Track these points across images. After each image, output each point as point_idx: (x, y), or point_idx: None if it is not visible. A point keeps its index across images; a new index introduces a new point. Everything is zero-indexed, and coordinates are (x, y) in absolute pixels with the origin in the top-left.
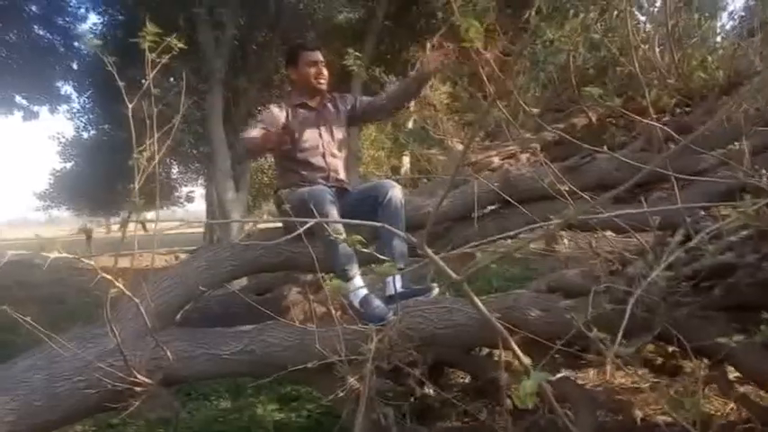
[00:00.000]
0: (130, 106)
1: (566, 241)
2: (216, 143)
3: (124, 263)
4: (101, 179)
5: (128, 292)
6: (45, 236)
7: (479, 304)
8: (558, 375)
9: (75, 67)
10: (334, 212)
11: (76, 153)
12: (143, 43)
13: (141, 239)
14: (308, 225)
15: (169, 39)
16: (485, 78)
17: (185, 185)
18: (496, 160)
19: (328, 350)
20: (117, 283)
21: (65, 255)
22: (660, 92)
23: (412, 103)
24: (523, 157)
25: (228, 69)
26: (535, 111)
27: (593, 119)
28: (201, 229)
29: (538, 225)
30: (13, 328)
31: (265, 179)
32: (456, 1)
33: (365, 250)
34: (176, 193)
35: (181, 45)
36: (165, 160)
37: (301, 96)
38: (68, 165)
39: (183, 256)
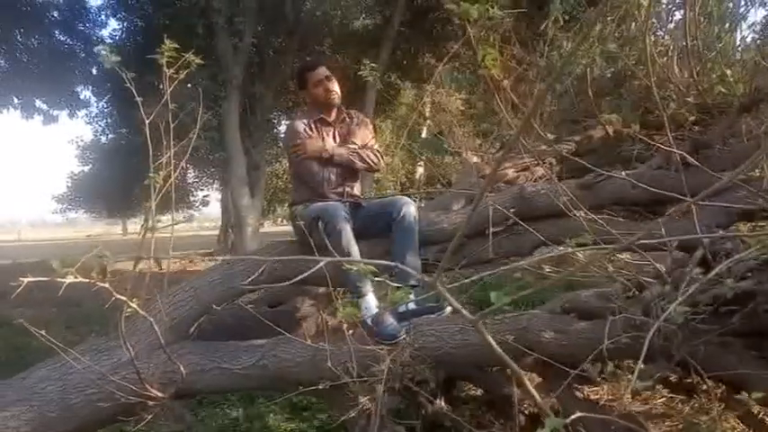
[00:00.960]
0: (147, 121)
1: (581, 258)
2: (232, 149)
3: (142, 266)
4: (118, 182)
5: (141, 311)
6: (63, 237)
7: (492, 343)
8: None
9: (94, 72)
10: (347, 229)
11: (94, 157)
12: (161, 59)
13: (157, 243)
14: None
15: (187, 55)
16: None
17: (201, 189)
18: (511, 172)
19: (340, 369)
20: (131, 303)
21: (79, 279)
22: (678, 106)
23: (427, 111)
24: (538, 169)
25: (245, 76)
26: (549, 126)
27: (610, 131)
28: (216, 232)
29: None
30: (30, 331)
31: (280, 183)
32: (472, 22)
33: (378, 279)
34: (192, 197)
35: (198, 60)
36: (180, 161)
37: (317, 112)
38: (86, 168)
39: (197, 259)
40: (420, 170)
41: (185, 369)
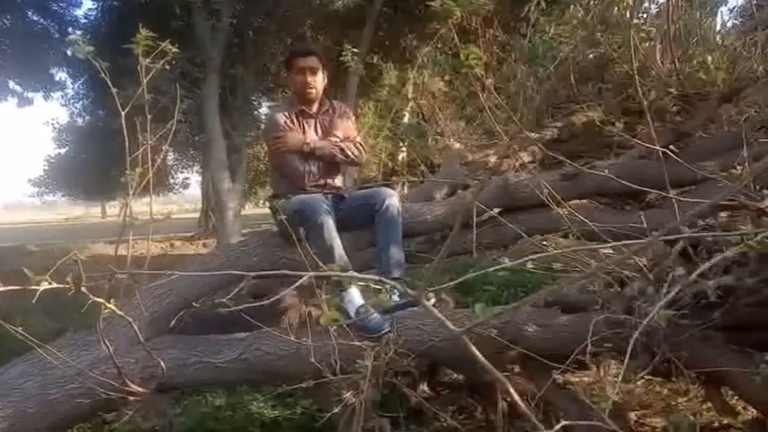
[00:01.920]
0: (124, 112)
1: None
2: (212, 133)
3: (122, 250)
4: (96, 165)
5: (119, 312)
6: (41, 220)
7: (478, 354)
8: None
9: (69, 53)
10: (329, 222)
11: (71, 139)
12: (136, 49)
13: (137, 226)
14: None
15: (163, 44)
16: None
17: (181, 172)
18: (493, 159)
19: (324, 364)
20: (108, 305)
21: (55, 285)
22: (659, 94)
23: (410, 91)
24: (522, 155)
25: (225, 58)
26: (531, 112)
27: (593, 117)
28: (196, 215)
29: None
30: (8, 318)
31: (261, 166)
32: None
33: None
34: (172, 180)
35: (175, 49)
36: (160, 148)
37: (299, 104)
38: (63, 151)
39: (178, 243)
40: (403, 153)
41: (166, 363)
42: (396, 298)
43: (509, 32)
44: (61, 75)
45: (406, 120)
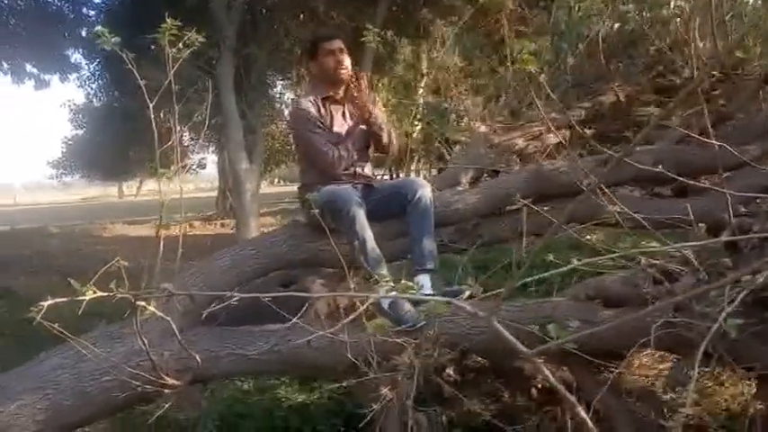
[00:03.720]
0: (152, 101)
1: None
2: (228, 113)
3: (142, 231)
4: (113, 146)
5: (158, 312)
6: (59, 200)
7: (510, 338)
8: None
9: (84, 34)
10: (360, 214)
11: (88, 120)
12: (162, 40)
13: (156, 206)
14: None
15: (189, 34)
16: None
17: (197, 153)
18: (520, 142)
19: (359, 358)
20: (149, 306)
21: (99, 293)
22: (693, 72)
23: (424, 67)
24: (549, 137)
25: (238, 36)
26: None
27: (621, 97)
28: (213, 194)
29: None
30: (34, 301)
31: (277, 145)
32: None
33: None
34: (188, 160)
35: (201, 39)
36: (176, 128)
37: (326, 89)
38: (80, 132)
39: (197, 223)
40: (418, 128)
41: (200, 355)
42: (429, 290)
43: (530, 5)
44: (77, 56)
45: (420, 95)
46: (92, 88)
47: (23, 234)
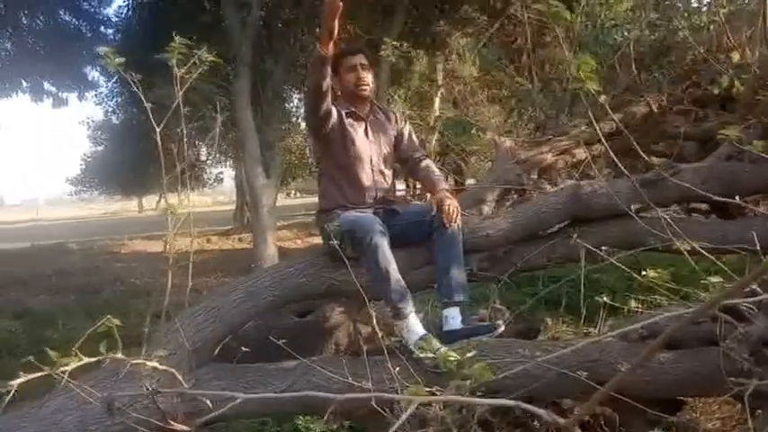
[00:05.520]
0: (158, 129)
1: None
2: (244, 128)
3: (159, 246)
4: (132, 162)
5: (160, 366)
6: (79, 216)
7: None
8: None
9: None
10: (383, 244)
11: (107, 137)
12: (170, 59)
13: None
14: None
15: (200, 52)
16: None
17: (214, 166)
18: (549, 157)
19: (382, 405)
20: (148, 363)
21: (84, 359)
22: (731, 82)
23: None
24: (579, 152)
25: (254, 51)
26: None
27: (654, 107)
28: (231, 207)
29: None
30: (52, 321)
31: (293, 159)
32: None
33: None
34: (205, 175)
35: (213, 58)
36: (193, 143)
37: (348, 105)
38: (99, 148)
39: (214, 238)
40: (434, 139)
41: (212, 397)
42: (459, 325)
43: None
44: (94, 74)
45: (436, 106)
46: (110, 105)
47: (43, 251)
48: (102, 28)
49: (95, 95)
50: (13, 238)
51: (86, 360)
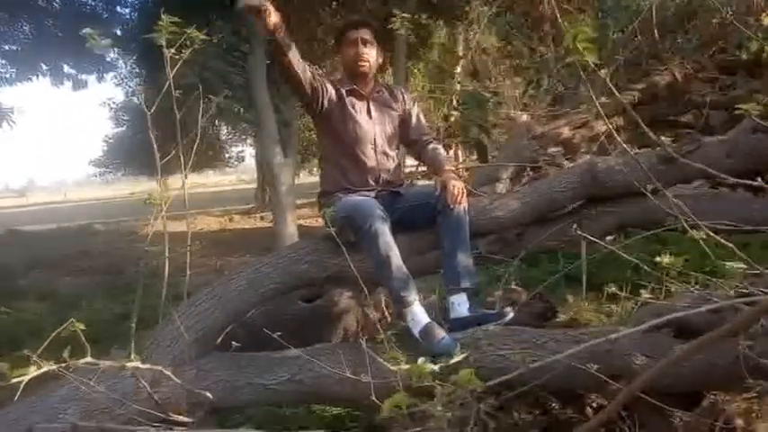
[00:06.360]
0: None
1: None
2: (261, 107)
3: (182, 226)
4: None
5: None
6: (106, 196)
7: None
8: None
9: (118, 33)
10: (384, 229)
11: (128, 118)
12: (159, 39)
13: (196, 201)
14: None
15: (189, 30)
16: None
17: (235, 146)
18: (566, 131)
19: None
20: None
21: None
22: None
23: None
24: (597, 125)
25: None
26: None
27: (678, 76)
28: (253, 185)
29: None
30: (75, 303)
31: (312, 136)
32: None
33: None
34: (227, 154)
35: (202, 36)
36: (212, 123)
37: (351, 82)
38: (121, 129)
39: (236, 216)
40: (455, 114)
41: (214, 386)
42: (465, 312)
43: None
44: (112, 55)
45: (456, 80)
46: (130, 86)
47: (69, 232)
48: (117, 8)
49: (114, 77)
50: (40, 220)
51: (45, 368)
